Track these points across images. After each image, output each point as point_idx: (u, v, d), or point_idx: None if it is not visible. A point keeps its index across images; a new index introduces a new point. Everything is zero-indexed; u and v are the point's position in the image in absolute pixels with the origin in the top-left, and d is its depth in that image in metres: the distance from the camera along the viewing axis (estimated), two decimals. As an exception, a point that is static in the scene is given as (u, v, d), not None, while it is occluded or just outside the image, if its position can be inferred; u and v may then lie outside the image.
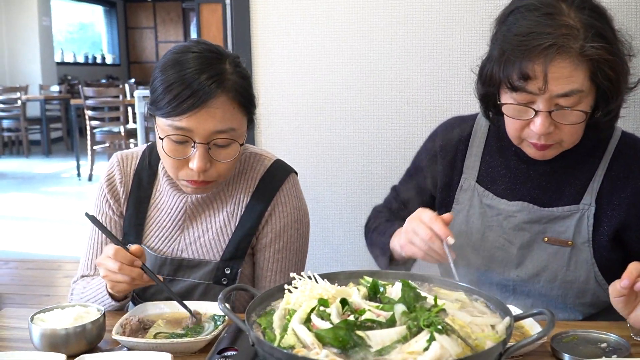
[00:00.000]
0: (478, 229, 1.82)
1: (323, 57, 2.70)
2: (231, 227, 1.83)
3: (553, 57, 1.52)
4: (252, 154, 1.91)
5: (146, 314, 1.59)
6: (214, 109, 1.63)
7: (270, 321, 1.19)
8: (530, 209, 1.76)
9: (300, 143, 2.75)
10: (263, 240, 1.85)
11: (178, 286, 1.83)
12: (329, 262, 2.78)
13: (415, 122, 2.68)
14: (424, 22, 2.62)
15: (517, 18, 1.61)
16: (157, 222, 1.87)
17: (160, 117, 1.67)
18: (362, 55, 2.68)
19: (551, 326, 1.12)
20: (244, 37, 2.69)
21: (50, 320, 1.48)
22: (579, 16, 1.55)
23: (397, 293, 1.24)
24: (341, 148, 2.73)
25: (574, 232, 1.73)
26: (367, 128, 2.71)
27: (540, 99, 1.57)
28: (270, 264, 1.86)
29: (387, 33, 2.65)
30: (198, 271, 1.82)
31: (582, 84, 1.55)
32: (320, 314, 1.15)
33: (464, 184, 1.86)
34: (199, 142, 1.65)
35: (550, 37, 1.52)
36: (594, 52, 1.52)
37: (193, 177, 1.70)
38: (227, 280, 1.81)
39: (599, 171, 1.74)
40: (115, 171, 1.91)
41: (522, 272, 1.77)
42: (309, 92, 2.72)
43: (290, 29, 2.69)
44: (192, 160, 1.67)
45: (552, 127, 1.60)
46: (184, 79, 1.62)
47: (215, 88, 1.63)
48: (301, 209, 1.90)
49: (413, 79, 2.67)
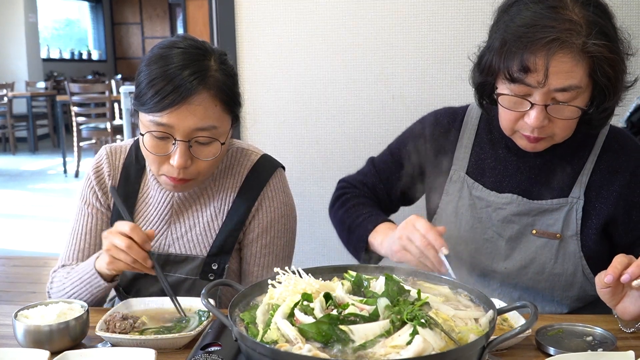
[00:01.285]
0: (467, 221, 1.82)
1: (308, 51, 2.69)
2: (218, 222, 1.83)
3: (555, 51, 1.52)
4: (238, 149, 1.90)
5: (131, 310, 1.58)
6: (195, 105, 1.62)
7: (253, 316, 1.18)
8: (519, 201, 1.76)
9: (286, 138, 2.74)
10: (250, 235, 1.85)
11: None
12: (316, 256, 2.77)
13: (401, 116, 2.68)
14: (409, 16, 2.62)
15: (521, 9, 1.60)
16: (145, 217, 1.86)
17: (142, 112, 1.66)
18: (348, 50, 2.68)
19: (534, 319, 1.12)
20: (229, 32, 2.68)
21: (34, 317, 1.47)
22: (583, 12, 1.55)
23: (381, 287, 1.24)
24: (327, 143, 2.72)
25: (562, 225, 1.73)
26: (353, 123, 2.71)
27: (537, 92, 1.57)
28: (257, 258, 1.86)
29: (372, 27, 2.65)
30: (185, 266, 1.82)
31: (580, 80, 1.55)
32: (304, 309, 1.15)
33: (454, 175, 1.86)
34: (180, 139, 1.64)
35: (554, 30, 1.52)
36: (596, 49, 1.52)
37: (172, 173, 1.68)
38: (214, 276, 1.80)
39: (587, 164, 1.75)
40: (104, 163, 1.90)
41: (510, 264, 1.78)
42: (294, 87, 2.72)
43: (275, 24, 2.69)
44: (172, 156, 1.66)
45: (546, 120, 1.60)
46: (167, 74, 1.61)
47: (197, 84, 1.61)
48: (288, 203, 1.90)
49: (398, 74, 2.67)
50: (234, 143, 1.92)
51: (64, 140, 9.47)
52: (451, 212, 1.85)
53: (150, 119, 1.63)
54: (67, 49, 16.44)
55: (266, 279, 1.29)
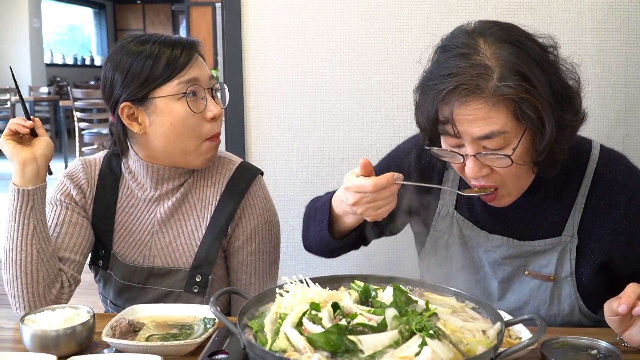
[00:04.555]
0: (458, 260, 1.76)
1: (314, 60, 2.69)
2: (202, 230, 1.84)
3: (463, 99, 1.43)
4: (217, 157, 1.92)
5: (136, 316, 1.57)
6: (199, 56, 1.80)
7: (261, 325, 1.18)
8: (510, 243, 1.70)
9: (290, 146, 2.74)
10: (235, 244, 1.86)
11: (149, 295, 1.84)
12: (319, 265, 2.77)
13: (406, 127, 2.66)
14: (415, 27, 2.63)
15: (436, 61, 1.54)
16: (126, 227, 1.87)
17: (164, 85, 1.73)
18: (353, 60, 2.68)
19: (542, 332, 1.12)
20: (235, 40, 2.68)
21: (40, 322, 1.47)
22: (497, 52, 1.45)
23: (388, 297, 1.24)
24: (331, 152, 2.72)
25: (556, 266, 1.67)
26: (357, 132, 2.71)
27: (465, 142, 1.49)
28: (245, 266, 1.87)
29: (379, 37, 2.65)
30: (169, 279, 1.83)
31: (504, 124, 1.44)
32: (312, 318, 1.15)
33: (442, 211, 1.78)
34: (206, 87, 1.79)
35: (457, 78, 1.43)
36: (508, 90, 1.41)
37: (215, 129, 1.80)
38: (198, 288, 1.81)
39: (579, 199, 1.65)
40: (80, 171, 1.91)
41: (503, 305, 1.72)
42: (299, 95, 2.72)
43: (282, 33, 2.69)
44: (208, 109, 1.78)
45: (485, 169, 1.52)
46: (167, 42, 1.76)
47: (192, 42, 1.81)
48: (270, 209, 1.92)
49: (404, 84, 2.67)
50: None
51: (66, 145, 9.47)
52: (441, 248, 1.78)
53: (176, 83, 1.73)
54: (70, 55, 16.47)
55: (273, 288, 1.29)
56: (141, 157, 1.84)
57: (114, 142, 1.88)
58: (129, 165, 1.89)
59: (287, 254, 2.67)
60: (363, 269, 2.69)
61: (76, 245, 1.81)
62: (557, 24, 2.48)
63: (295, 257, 2.75)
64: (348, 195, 1.51)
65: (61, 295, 1.74)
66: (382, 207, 1.50)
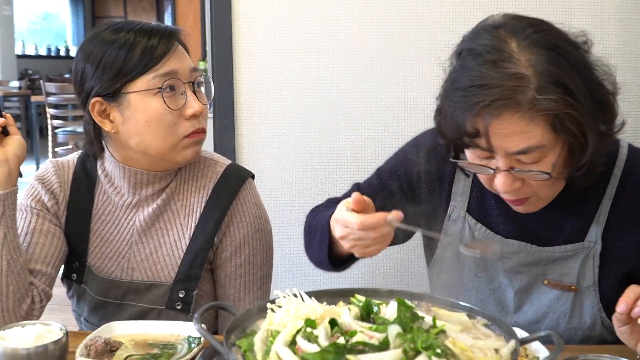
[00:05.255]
0: (471, 268, 1.78)
1: (313, 52, 2.70)
2: (185, 240, 1.84)
3: (497, 113, 1.44)
4: (202, 158, 1.91)
5: (113, 334, 1.58)
6: (179, 47, 1.79)
7: (251, 343, 1.19)
8: (527, 249, 1.71)
9: (286, 148, 2.75)
10: (223, 255, 1.86)
11: (127, 312, 1.83)
12: (317, 278, 2.77)
13: (415, 127, 2.66)
14: (423, 14, 2.63)
15: (462, 66, 1.53)
16: (103, 237, 1.87)
17: (138, 78, 1.72)
18: (355, 51, 2.68)
19: (559, 350, 1.13)
20: (224, 29, 2.69)
21: (10, 339, 1.47)
22: (532, 59, 1.45)
23: (392, 313, 1.24)
24: (331, 154, 2.73)
25: (577, 275, 1.69)
26: (361, 133, 2.72)
27: (498, 156, 1.51)
28: (233, 280, 1.86)
29: (384, 27, 2.66)
30: (149, 295, 1.83)
31: (541, 138, 1.46)
32: (307, 336, 1.15)
33: (453, 213, 1.80)
34: (187, 81, 1.76)
35: (492, 92, 1.43)
36: (548, 105, 1.42)
37: (194, 126, 1.77)
38: (181, 305, 1.81)
39: (604, 201, 1.67)
40: (52, 175, 1.90)
41: (520, 318, 1.75)
42: (296, 92, 2.72)
43: (276, 22, 2.70)
44: (188, 106, 1.76)
45: (517, 183, 1.54)
46: (143, 30, 1.75)
47: (172, 30, 1.80)
48: (261, 217, 1.91)
49: (412, 78, 2.68)
50: None
51: (38, 145, 9.49)
52: (452, 256, 1.80)
53: (152, 76, 1.72)
54: (43, 45, 16.48)
55: (264, 303, 1.30)
56: (117, 159, 1.84)
57: (87, 142, 1.88)
58: (105, 168, 1.89)
59: (281, 265, 2.68)
60: (366, 282, 2.69)
61: (48, 257, 1.82)
62: (578, 13, 2.49)
63: (290, 270, 2.76)
64: (336, 228, 1.52)
65: (32, 311, 1.75)
66: (371, 247, 1.50)
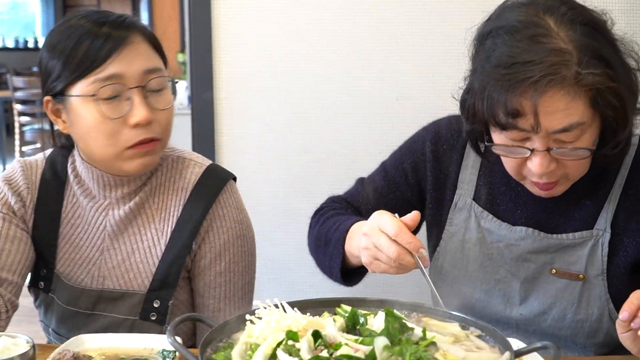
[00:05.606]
0: (476, 258, 1.82)
1: (298, 44, 2.70)
2: (161, 246, 1.83)
3: (544, 90, 1.49)
4: (180, 158, 1.90)
5: (83, 348, 1.57)
6: (134, 45, 1.71)
7: (228, 357, 1.19)
8: (535, 236, 1.76)
9: (270, 146, 2.74)
10: (201, 262, 1.85)
11: (98, 323, 1.82)
12: (304, 287, 2.77)
13: (407, 121, 2.67)
14: (416, 4, 2.63)
15: (497, 43, 1.58)
16: (72, 242, 1.87)
17: (79, 81, 1.68)
18: (344, 42, 2.68)
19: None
20: (203, 18, 2.68)
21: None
22: (571, 35, 1.52)
23: (379, 324, 1.24)
24: (319, 152, 2.73)
25: (586, 263, 1.74)
26: (350, 128, 2.71)
27: (535, 137, 1.56)
28: (213, 289, 1.86)
29: (374, 16, 2.66)
30: (122, 304, 1.82)
31: (582, 115, 1.53)
32: (288, 349, 1.15)
33: (459, 202, 1.86)
34: (134, 86, 1.68)
35: (539, 67, 1.49)
36: (592, 79, 1.50)
37: (140, 136, 1.71)
38: (155, 315, 1.80)
39: (614, 190, 1.74)
40: (19, 175, 1.89)
41: (526, 309, 1.78)
42: (281, 86, 2.72)
43: (260, 10, 2.69)
44: (132, 114, 1.69)
45: (553, 164, 1.59)
46: (97, 23, 1.69)
47: (130, 24, 1.73)
48: (244, 221, 1.91)
49: (404, 71, 2.68)
50: (175, 151, 1.92)
51: (4, 144, 9.45)
52: (456, 246, 1.84)
53: (92, 80, 1.66)
54: (10, 36, 16.40)
55: (243, 314, 1.30)
56: (83, 158, 1.84)
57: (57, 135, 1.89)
58: (75, 167, 1.88)
59: (264, 274, 2.67)
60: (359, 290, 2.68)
61: (14, 264, 1.81)
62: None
63: (274, 278, 2.76)
64: (363, 240, 1.57)
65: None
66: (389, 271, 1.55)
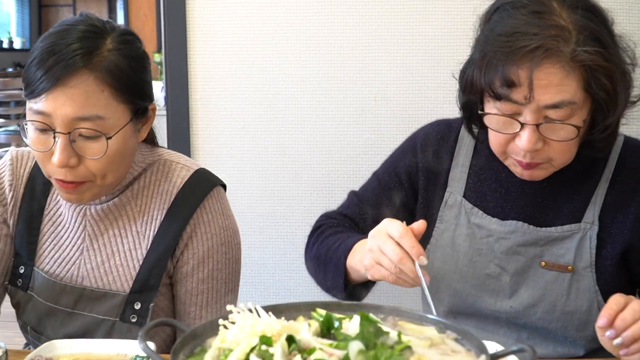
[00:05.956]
0: (465, 253, 1.85)
1: (274, 45, 2.70)
2: (142, 250, 1.81)
3: (540, 61, 1.57)
4: (167, 161, 1.88)
5: (55, 354, 1.56)
6: (73, 88, 1.61)
7: (201, 363, 1.18)
8: (525, 229, 1.82)
9: (245, 148, 2.74)
10: (184, 269, 1.83)
11: (78, 322, 1.81)
12: (281, 290, 2.77)
13: (385, 122, 2.69)
14: (395, 3, 2.64)
15: (502, 16, 1.67)
16: (53, 240, 1.85)
17: (27, 100, 1.66)
18: (322, 43, 2.69)
19: (533, 365, 1.13)
20: (178, 19, 2.67)
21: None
22: (572, 16, 1.61)
23: (355, 328, 1.24)
24: (295, 154, 2.73)
25: (574, 255, 1.79)
26: (327, 129, 2.72)
27: (526, 110, 1.62)
28: (194, 296, 1.84)
29: (351, 17, 2.66)
30: (102, 304, 1.80)
31: (574, 94, 1.60)
32: (262, 355, 1.14)
33: (449, 199, 1.90)
34: (59, 131, 1.63)
35: (538, 37, 1.58)
36: (588, 57, 1.57)
37: (58, 174, 1.67)
38: (136, 318, 1.78)
39: (601, 184, 1.81)
40: (6, 170, 1.88)
41: (516, 302, 1.82)
42: (257, 86, 2.72)
43: (235, 12, 2.69)
44: (53, 153, 1.64)
45: (540, 142, 1.65)
46: (47, 50, 1.61)
47: (79, 63, 1.61)
48: (229, 228, 1.89)
49: (383, 72, 2.69)
50: (162, 154, 1.90)
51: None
52: (447, 242, 1.88)
53: (29, 107, 1.64)
54: (-15, 37, 16.35)
55: (216, 319, 1.28)
56: None
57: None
58: None
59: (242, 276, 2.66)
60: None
61: None
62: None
63: (252, 281, 2.76)
64: (369, 241, 1.63)
65: None
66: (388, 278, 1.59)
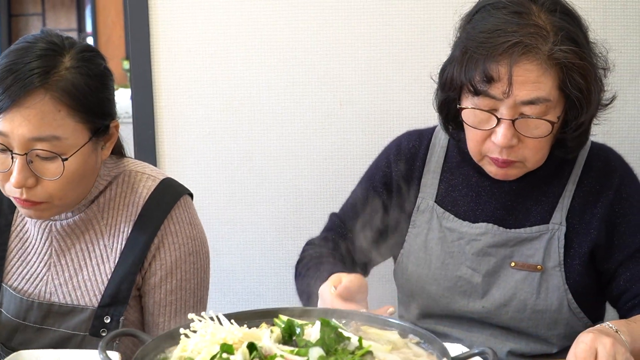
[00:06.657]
0: (438, 256, 1.90)
1: (238, 48, 2.69)
2: (110, 264, 1.80)
3: (519, 57, 1.65)
4: (132, 172, 1.87)
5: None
6: (29, 109, 1.60)
7: (161, 372, 1.18)
8: (495, 231, 1.87)
9: (211, 154, 2.73)
10: (152, 280, 1.82)
11: (47, 337, 1.79)
12: (250, 297, 2.76)
13: (351, 126, 2.69)
14: (358, 6, 2.64)
15: (484, 16, 1.75)
16: (21, 257, 1.84)
17: None
18: (286, 47, 2.68)
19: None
20: (141, 25, 2.66)
21: None
22: (550, 18, 1.69)
23: (316, 334, 1.24)
24: (262, 159, 2.72)
25: (543, 255, 1.84)
26: (293, 134, 2.71)
27: (503, 106, 1.69)
28: (163, 307, 1.84)
29: (316, 20, 2.66)
30: (71, 319, 1.79)
31: (549, 92, 1.67)
32: (223, 362, 1.15)
33: (421, 205, 1.96)
34: (16, 152, 1.62)
35: (517, 35, 1.65)
36: (564, 55, 1.65)
37: (17, 194, 1.66)
38: (106, 331, 1.77)
39: (569, 186, 1.87)
40: None
41: (488, 302, 1.86)
42: (221, 91, 2.71)
43: (198, 16, 2.68)
44: (10, 173, 1.64)
45: (515, 139, 1.71)
46: (5, 69, 1.60)
47: (35, 82, 1.59)
48: (197, 238, 1.88)
49: (347, 75, 2.69)
50: (128, 164, 1.89)
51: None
52: (419, 247, 1.92)
53: None
54: (-50, 46, 16.19)
55: (177, 328, 1.28)
56: None
57: None
58: None
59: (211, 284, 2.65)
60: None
61: None
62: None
63: (219, 288, 2.74)
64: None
65: None
66: None
